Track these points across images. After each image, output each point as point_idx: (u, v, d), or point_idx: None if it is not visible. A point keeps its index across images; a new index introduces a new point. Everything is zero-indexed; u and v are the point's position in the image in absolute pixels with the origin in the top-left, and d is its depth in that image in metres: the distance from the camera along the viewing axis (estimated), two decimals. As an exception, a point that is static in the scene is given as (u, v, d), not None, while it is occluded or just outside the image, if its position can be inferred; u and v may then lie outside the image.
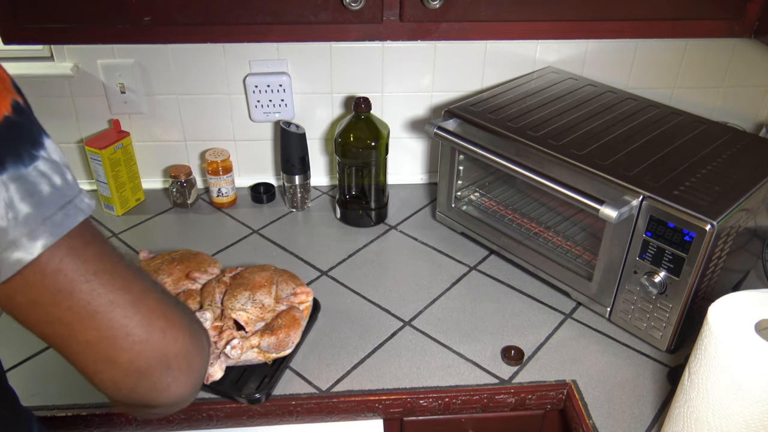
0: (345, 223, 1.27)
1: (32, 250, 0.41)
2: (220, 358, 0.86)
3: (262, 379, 0.89)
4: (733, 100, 1.35)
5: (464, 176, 1.20)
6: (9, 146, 0.41)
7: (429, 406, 0.91)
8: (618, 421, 0.85)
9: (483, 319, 1.02)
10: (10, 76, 0.44)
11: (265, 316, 0.91)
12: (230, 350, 0.85)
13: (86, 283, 0.44)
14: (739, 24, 0.98)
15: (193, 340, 0.50)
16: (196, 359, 0.50)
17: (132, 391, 0.48)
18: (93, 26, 0.91)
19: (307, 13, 0.92)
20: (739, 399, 0.65)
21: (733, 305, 0.69)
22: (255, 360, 0.89)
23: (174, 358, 0.48)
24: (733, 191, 0.88)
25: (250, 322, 0.89)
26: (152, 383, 0.48)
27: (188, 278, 0.95)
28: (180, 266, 0.96)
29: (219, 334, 0.87)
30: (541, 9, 0.94)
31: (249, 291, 0.92)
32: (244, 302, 0.90)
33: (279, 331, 0.89)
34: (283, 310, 0.92)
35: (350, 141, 1.18)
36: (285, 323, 0.90)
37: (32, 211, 0.41)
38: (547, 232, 1.13)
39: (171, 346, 0.48)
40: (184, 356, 0.49)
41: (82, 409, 0.86)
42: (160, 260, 0.98)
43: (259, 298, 0.91)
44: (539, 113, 1.09)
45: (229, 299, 0.91)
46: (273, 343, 0.88)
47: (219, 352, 0.86)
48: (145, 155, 1.34)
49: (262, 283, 0.94)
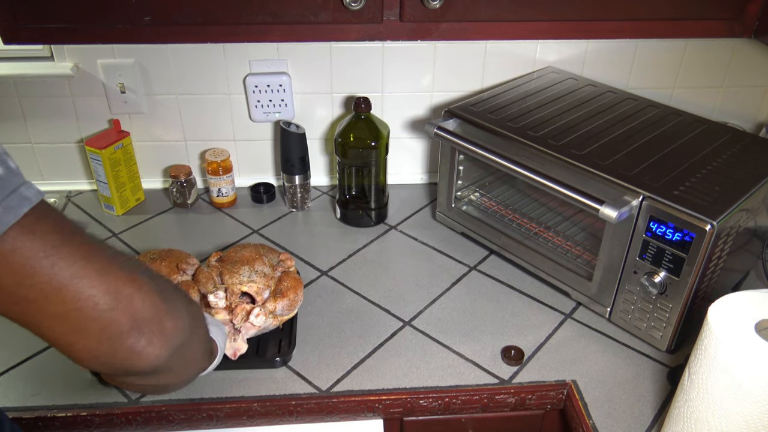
0: (345, 223, 1.27)
1: None
2: (242, 332, 0.90)
3: (279, 343, 0.96)
4: (733, 100, 1.35)
5: (464, 176, 1.20)
6: None
7: (429, 406, 0.91)
8: (618, 421, 0.85)
9: (483, 319, 1.02)
10: None
11: (269, 284, 0.95)
12: (254, 319, 0.90)
13: (46, 258, 0.43)
14: (739, 24, 0.98)
15: (163, 301, 0.50)
16: (168, 320, 0.50)
17: (110, 359, 0.48)
18: (93, 26, 0.91)
19: (307, 13, 0.92)
20: (739, 399, 0.65)
21: (733, 305, 0.69)
22: (271, 326, 0.94)
23: (145, 321, 0.48)
24: (733, 191, 0.88)
25: (259, 291, 0.94)
26: (128, 348, 0.48)
27: (178, 271, 0.97)
28: (165, 263, 0.97)
29: (232, 312, 0.90)
30: (541, 9, 0.94)
31: (247, 265, 0.95)
32: (249, 275, 0.94)
33: (288, 293, 0.95)
34: (282, 275, 0.98)
35: (350, 141, 1.18)
36: (291, 285, 0.96)
37: None
38: (547, 232, 1.13)
39: (140, 310, 0.48)
40: (155, 318, 0.49)
41: (82, 409, 0.86)
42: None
43: (259, 269, 0.95)
44: (539, 113, 1.09)
45: (231, 277, 0.94)
46: (286, 305, 0.94)
47: (239, 326, 0.90)
48: (145, 155, 1.34)
49: (253, 257, 0.97)
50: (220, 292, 0.91)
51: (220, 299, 0.90)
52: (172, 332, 0.51)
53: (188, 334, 0.53)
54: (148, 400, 0.88)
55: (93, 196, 1.34)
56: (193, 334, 0.55)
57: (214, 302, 0.90)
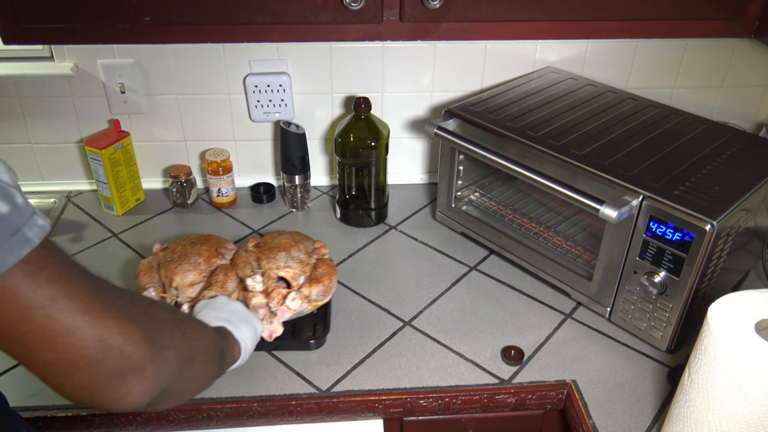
0: (345, 223, 1.27)
1: None
2: (278, 315, 0.93)
3: (314, 327, 0.99)
4: (733, 100, 1.35)
5: (464, 176, 1.20)
6: None
7: (429, 406, 0.91)
8: (618, 421, 0.85)
9: (483, 319, 1.02)
10: None
11: (305, 270, 0.99)
12: (290, 302, 0.93)
13: (41, 309, 0.44)
14: (739, 24, 0.98)
15: (150, 349, 0.51)
16: (151, 368, 0.51)
17: (92, 400, 0.49)
18: (93, 26, 0.91)
19: (307, 13, 0.92)
20: (739, 399, 0.65)
21: (733, 305, 0.69)
22: (306, 310, 0.97)
23: (129, 371, 0.49)
24: (733, 191, 0.88)
25: (295, 276, 0.97)
26: (109, 394, 0.49)
27: (217, 255, 0.99)
28: (204, 246, 0.99)
29: (268, 295, 0.93)
30: (541, 9, 0.94)
31: (284, 251, 0.99)
32: (285, 260, 0.98)
33: (323, 279, 0.98)
34: (317, 261, 1.02)
35: (350, 141, 1.18)
36: (326, 271, 0.99)
37: None
38: (547, 232, 1.13)
39: (126, 361, 0.49)
40: (140, 368, 0.50)
41: (82, 409, 0.86)
42: (181, 246, 0.99)
43: (295, 255, 0.99)
44: (539, 113, 1.09)
45: (269, 262, 0.97)
46: (321, 290, 0.97)
47: (275, 309, 0.93)
48: (145, 155, 1.34)
49: (289, 244, 1.01)
50: (257, 276, 0.94)
51: (257, 283, 0.94)
52: (155, 378, 0.51)
53: (175, 373, 0.54)
54: (148, 400, 0.88)
55: (93, 196, 1.34)
56: (183, 370, 0.56)
57: (252, 286, 0.93)
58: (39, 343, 0.45)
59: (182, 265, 0.95)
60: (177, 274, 0.94)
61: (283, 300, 0.93)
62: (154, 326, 0.53)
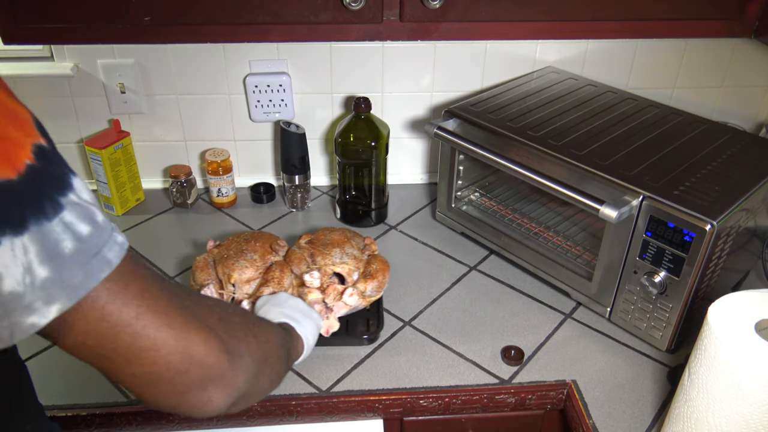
0: (345, 223, 1.27)
1: (47, 314, 0.41)
2: (334, 310, 0.94)
3: (367, 322, 1.00)
4: (733, 100, 1.35)
5: (464, 176, 1.20)
6: (31, 202, 0.40)
7: (429, 406, 0.91)
8: (618, 421, 0.85)
9: (483, 319, 1.02)
10: (32, 115, 0.43)
11: (358, 266, 1.00)
12: (348, 298, 0.94)
13: (128, 327, 0.46)
14: (739, 24, 0.98)
15: (228, 358, 0.53)
16: (231, 378, 0.53)
17: (175, 408, 0.52)
18: (93, 26, 0.91)
19: (307, 13, 0.92)
20: (739, 399, 0.65)
21: (733, 305, 0.69)
22: (360, 306, 0.97)
23: (210, 380, 0.51)
24: (733, 191, 0.88)
25: (350, 272, 0.98)
26: (192, 403, 0.51)
27: (272, 251, 1.00)
28: (259, 243, 1.00)
29: (324, 291, 0.94)
30: (541, 9, 0.94)
31: (338, 248, 1.00)
32: (340, 256, 0.99)
33: (377, 275, 0.99)
34: (370, 257, 1.02)
35: (350, 141, 1.18)
36: (380, 267, 1.00)
37: (51, 275, 0.41)
38: (547, 232, 1.13)
39: (208, 371, 0.51)
40: (220, 378, 0.52)
41: (82, 409, 0.86)
42: (236, 243, 1.00)
43: (349, 251, 1.00)
44: (539, 113, 1.09)
45: (324, 258, 0.98)
46: (375, 286, 0.98)
47: (331, 305, 0.94)
48: (145, 155, 1.34)
49: (342, 240, 1.02)
50: (315, 272, 0.95)
51: (315, 279, 0.94)
52: (234, 386, 0.54)
53: (251, 378, 0.56)
54: (148, 400, 0.88)
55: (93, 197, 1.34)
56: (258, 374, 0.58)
57: (310, 282, 0.94)
58: (126, 359, 0.46)
59: (239, 262, 0.95)
60: (235, 270, 0.95)
61: (340, 296, 0.95)
62: (230, 333, 0.55)
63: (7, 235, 0.38)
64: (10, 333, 0.41)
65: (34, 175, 0.40)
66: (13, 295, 0.40)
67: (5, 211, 0.38)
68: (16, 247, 0.39)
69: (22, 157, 0.40)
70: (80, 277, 0.42)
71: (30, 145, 0.41)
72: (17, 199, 0.39)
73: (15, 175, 0.39)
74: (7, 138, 0.39)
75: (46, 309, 0.41)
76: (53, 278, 0.41)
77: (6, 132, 0.40)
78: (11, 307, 0.40)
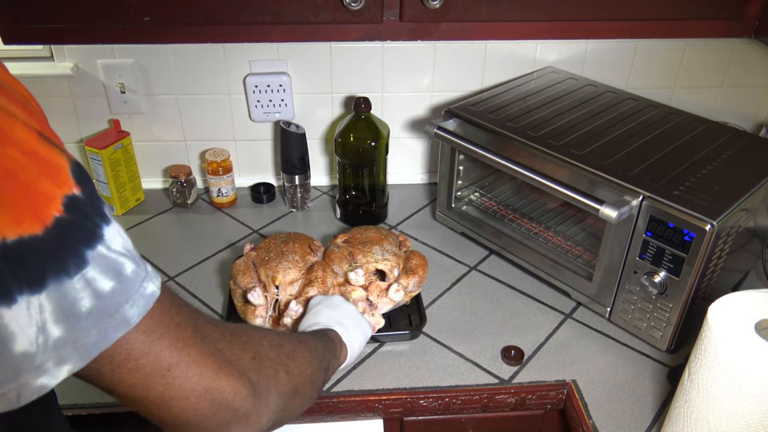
0: (345, 223, 1.27)
1: (57, 375, 0.40)
2: (378, 307, 0.95)
3: (409, 317, 1.01)
4: (733, 100, 1.35)
5: (464, 176, 1.20)
6: (54, 258, 0.38)
7: (429, 406, 0.91)
8: (618, 421, 0.85)
9: (483, 319, 1.02)
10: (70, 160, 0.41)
11: (398, 262, 1.00)
12: (394, 294, 0.95)
13: (161, 377, 0.45)
14: (739, 24, 0.98)
15: (256, 402, 0.53)
16: (256, 418, 0.53)
17: None
18: (93, 26, 0.91)
19: (307, 13, 0.92)
20: (739, 399, 0.65)
21: (733, 305, 0.69)
22: (402, 301, 0.99)
23: (235, 422, 0.51)
24: (733, 191, 0.88)
25: (392, 269, 0.99)
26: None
27: (311, 251, 1.00)
28: (297, 244, 1.00)
29: (367, 289, 0.96)
30: (541, 9, 0.94)
31: (378, 245, 1.01)
32: (381, 254, 0.99)
33: (418, 270, 1.00)
34: (409, 253, 1.03)
35: (350, 141, 1.18)
36: (419, 263, 1.01)
37: (64, 334, 0.39)
38: (547, 232, 1.13)
39: (234, 414, 0.51)
40: (246, 419, 0.52)
41: (82, 409, 0.86)
42: (274, 245, 1.00)
43: (388, 248, 1.01)
44: (539, 113, 1.09)
45: (365, 255, 0.99)
46: (417, 281, 0.99)
47: (376, 302, 0.95)
48: (145, 155, 1.34)
49: (380, 237, 1.03)
50: (359, 270, 0.96)
51: (360, 277, 0.95)
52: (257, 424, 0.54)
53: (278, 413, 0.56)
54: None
55: (93, 196, 1.34)
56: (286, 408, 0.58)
57: (355, 280, 0.95)
58: (156, 406, 0.47)
59: (282, 263, 0.96)
60: (279, 272, 0.95)
61: (384, 292, 0.96)
62: (261, 372, 0.55)
63: (24, 294, 0.37)
64: (18, 395, 0.39)
65: (61, 228, 0.38)
66: (25, 356, 0.38)
67: (25, 268, 0.37)
68: (32, 306, 0.37)
69: (51, 209, 0.38)
70: (94, 337, 0.41)
71: (61, 197, 0.39)
72: (40, 256, 0.37)
73: (41, 229, 0.37)
74: (37, 191, 0.38)
75: (57, 370, 0.39)
76: (66, 338, 0.39)
77: (37, 185, 0.38)
78: (22, 368, 0.38)
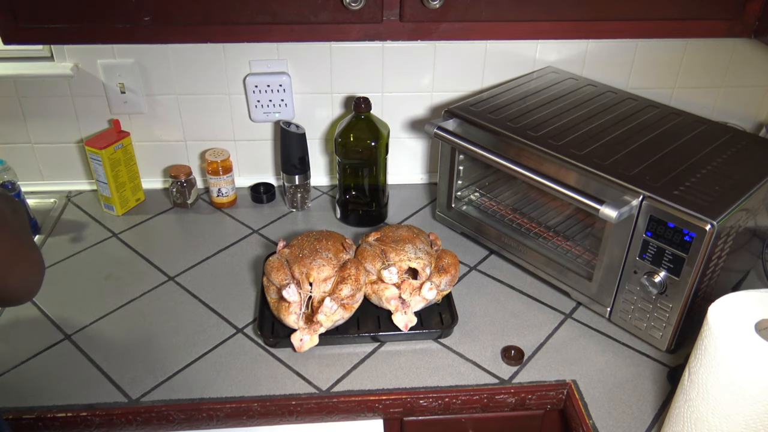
0: (345, 223, 1.27)
1: None
2: (411, 305, 0.96)
3: (439, 315, 1.01)
4: (733, 100, 1.35)
5: (464, 176, 1.20)
6: None
7: (429, 406, 0.91)
8: (618, 421, 0.85)
9: (483, 319, 1.02)
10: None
11: (431, 261, 1.00)
12: (427, 292, 0.96)
13: None
14: (739, 24, 0.98)
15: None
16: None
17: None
18: (93, 26, 0.91)
19: (307, 13, 0.92)
20: (739, 399, 0.65)
21: (733, 305, 0.69)
22: (434, 300, 0.99)
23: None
24: (733, 191, 0.88)
25: (424, 267, 0.99)
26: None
27: (344, 249, 1.01)
28: (329, 242, 1.01)
29: (400, 287, 0.96)
30: (541, 9, 0.94)
31: (410, 243, 1.01)
32: (414, 252, 1.00)
33: (450, 269, 1.00)
34: (440, 252, 1.04)
35: (350, 141, 1.18)
36: (451, 261, 1.01)
37: None
38: (547, 232, 1.13)
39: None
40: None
41: (82, 409, 0.86)
42: (308, 242, 1.00)
43: (421, 247, 1.01)
44: (539, 113, 1.09)
45: (398, 254, 0.99)
46: (449, 280, 1.00)
47: (408, 300, 0.96)
48: (145, 155, 1.34)
49: (412, 236, 1.03)
50: (393, 268, 0.96)
51: (393, 275, 0.96)
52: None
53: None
54: (148, 400, 0.88)
55: (93, 196, 1.35)
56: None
57: (389, 278, 0.95)
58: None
59: (316, 261, 0.96)
60: (313, 269, 0.95)
61: (417, 291, 0.96)
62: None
63: None
64: None
65: None
66: None
67: None
68: None
69: None
70: None
71: None
72: None
73: None
74: None
75: None
76: None
77: None
78: None
